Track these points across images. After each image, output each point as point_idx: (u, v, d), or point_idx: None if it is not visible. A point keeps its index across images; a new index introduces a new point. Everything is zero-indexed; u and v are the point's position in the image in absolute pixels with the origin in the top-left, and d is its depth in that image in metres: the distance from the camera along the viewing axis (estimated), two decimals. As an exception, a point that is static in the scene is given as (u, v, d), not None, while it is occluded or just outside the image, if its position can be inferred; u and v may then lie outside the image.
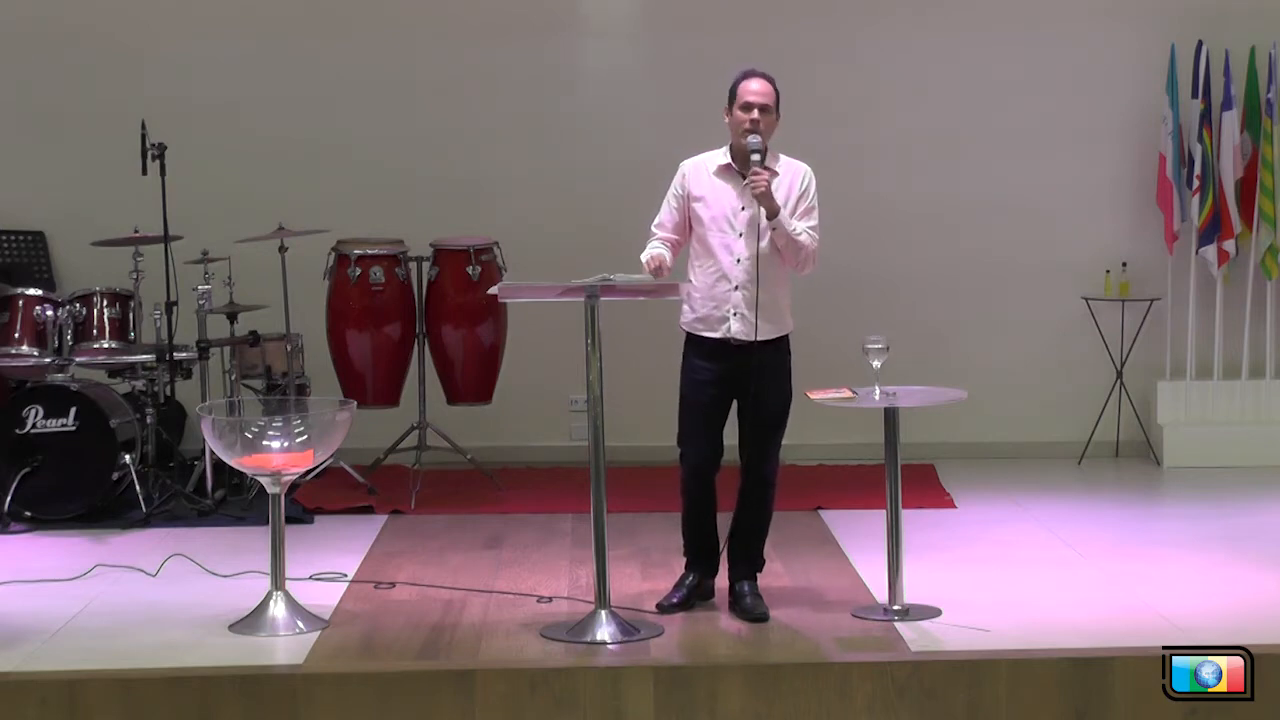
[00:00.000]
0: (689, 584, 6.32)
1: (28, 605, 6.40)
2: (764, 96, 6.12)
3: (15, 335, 7.96)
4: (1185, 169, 9.08)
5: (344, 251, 8.46)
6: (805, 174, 6.24)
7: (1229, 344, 9.20)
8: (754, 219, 6.11)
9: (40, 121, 9.21)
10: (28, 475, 7.71)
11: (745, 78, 6.17)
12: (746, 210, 6.13)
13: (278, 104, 9.19)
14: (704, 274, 6.16)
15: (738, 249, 6.13)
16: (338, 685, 5.57)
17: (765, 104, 6.11)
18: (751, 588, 6.26)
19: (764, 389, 6.15)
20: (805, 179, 6.23)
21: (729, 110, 6.19)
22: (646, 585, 6.58)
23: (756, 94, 6.11)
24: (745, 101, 6.12)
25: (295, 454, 6.19)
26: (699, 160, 6.25)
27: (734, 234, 6.14)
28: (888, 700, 5.55)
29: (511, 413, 8.96)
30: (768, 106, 6.12)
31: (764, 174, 6.02)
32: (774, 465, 6.26)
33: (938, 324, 9.27)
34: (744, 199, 6.12)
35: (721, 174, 6.19)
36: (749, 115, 6.09)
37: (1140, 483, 8.83)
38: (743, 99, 6.13)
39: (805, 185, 6.22)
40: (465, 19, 9.23)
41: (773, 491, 6.27)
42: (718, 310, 6.13)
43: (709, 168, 6.20)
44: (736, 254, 6.13)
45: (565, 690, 5.53)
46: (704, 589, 6.34)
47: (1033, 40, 9.27)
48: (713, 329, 6.14)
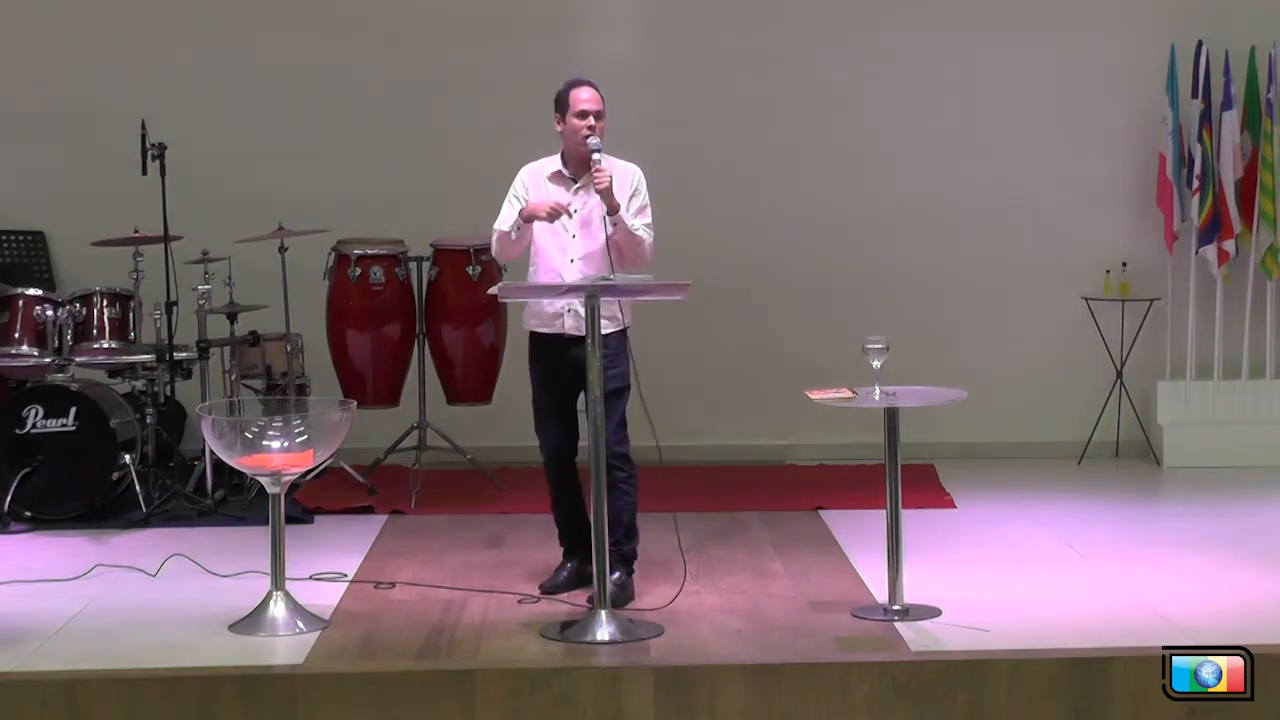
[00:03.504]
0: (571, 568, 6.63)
1: (28, 605, 6.40)
2: (596, 103, 6.41)
3: (15, 335, 7.97)
4: (1185, 169, 9.08)
5: (344, 251, 8.47)
6: (635, 174, 6.50)
7: (1229, 344, 9.20)
8: (586, 220, 6.39)
9: (40, 121, 9.21)
10: (28, 475, 7.71)
11: (574, 87, 6.48)
12: (577, 213, 6.40)
13: (277, 104, 9.20)
14: (540, 275, 6.46)
15: (571, 249, 6.40)
16: (338, 685, 5.57)
17: (598, 110, 6.40)
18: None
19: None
20: (635, 179, 6.49)
21: (561, 119, 6.46)
22: (647, 585, 6.58)
23: (589, 101, 6.41)
24: (580, 109, 6.40)
25: (295, 454, 6.19)
26: (536, 166, 6.58)
27: (567, 234, 6.42)
28: (888, 700, 5.55)
29: (511, 413, 8.91)
30: (600, 112, 6.41)
31: (605, 171, 6.30)
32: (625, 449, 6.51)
33: (938, 324, 9.27)
34: (575, 202, 6.40)
35: (554, 179, 6.49)
36: (584, 122, 6.38)
37: (1140, 483, 8.83)
38: (576, 107, 6.40)
39: (636, 184, 6.48)
40: (465, 19, 9.24)
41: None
42: (551, 307, 6.42)
43: (544, 173, 6.50)
44: (570, 254, 6.40)
45: (565, 690, 5.53)
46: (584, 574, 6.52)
47: (1033, 41, 9.27)
48: (548, 325, 6.44)
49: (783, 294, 9.32)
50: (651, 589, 6.53)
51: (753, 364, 9.27)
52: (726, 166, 9.12)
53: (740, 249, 9.12)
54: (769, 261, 9.26)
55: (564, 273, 6.38)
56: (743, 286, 9.17)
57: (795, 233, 9.32)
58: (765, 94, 9.28)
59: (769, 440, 9.35)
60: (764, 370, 9.20)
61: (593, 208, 6.39)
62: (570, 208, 6.39)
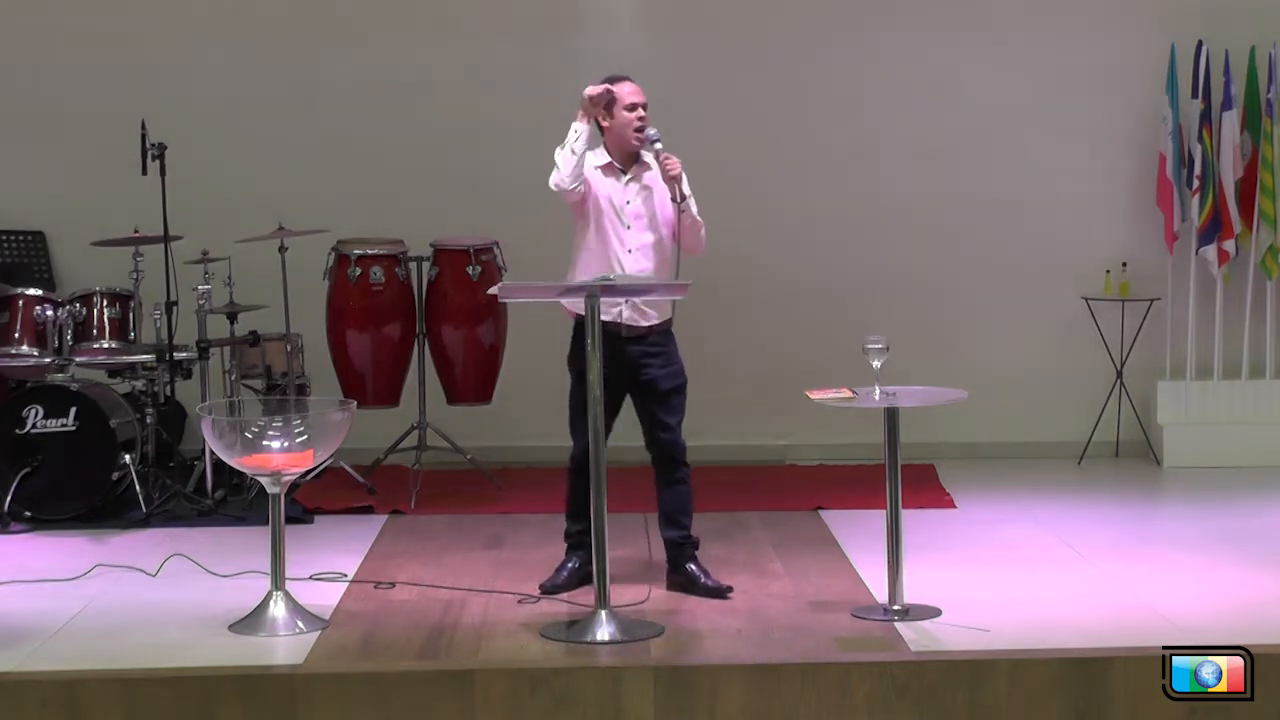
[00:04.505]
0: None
1: (28, 605, 6.41)
2: (642, 95, 6.48)
3: (15, 335, 7.97)
4: (1185, 169, 9.08)
5: (344, 251, 8.47)
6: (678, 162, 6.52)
7: (1229, 344, 9.20)
8: (638, 212, 6.45)
9: (40, 121, 9.21)
10: (28, 475, 7.71)
11: (616, 82, 6.51)
12: (631, 204, 6.45)
13: (278, 104, 9.20)
14: (594, 264, 6.43)
15: (628, 239, 6.43)
16: (337, 685, 5.57)
17: (645, 101, 6.48)
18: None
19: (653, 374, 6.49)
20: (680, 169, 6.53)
21: (607, 115, 6.46)
22: (647, 585, 6.58)
23: (635, 93, 6.47)
24: (630, 102, 6.46)
25: (295, 454, 6.19)
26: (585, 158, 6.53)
27: (622, 225, 6.45)
28: (888, 700, 5.55)
29: (511, 413, 8.95)
30: (647, 104, 6.48)
31: (675, 158, 6.38)
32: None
33: (938, 324, 9.27)
34: (628, 193, 6.44)
35: (607, 172, 6.49)
36: (636, 114, 6.45)
37: (1140, 483, 8.83)
38: (626, 100, 6.46)
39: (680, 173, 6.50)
40: (465, 19, 9.24)
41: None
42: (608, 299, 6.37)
43: (591, 164, 6.48)
44: (628, 244, 6.44)
45: (565, 690, 5.54)
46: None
47: (1032, 41, 9.27)
48: (603, 313, 6.32)
49: (783, 294, 9.32)
50: (652, 589, 6.53)
51: (752, 364, 9.27)
52: (726, 166, 9.10)
53: (740, 248, 9.09)
54: (769, 261, 9.26)
55: (622, 263, 6.41)
56: (743, 286, 9.16)
57: (795, 232, 9.32)
58: (765, 94, 9.28)
59: (769, 440, 9.35)
60: (764, 370, 9.20)
61: (645, 198, 6.45)
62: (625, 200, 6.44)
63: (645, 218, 6.46)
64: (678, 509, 6.58)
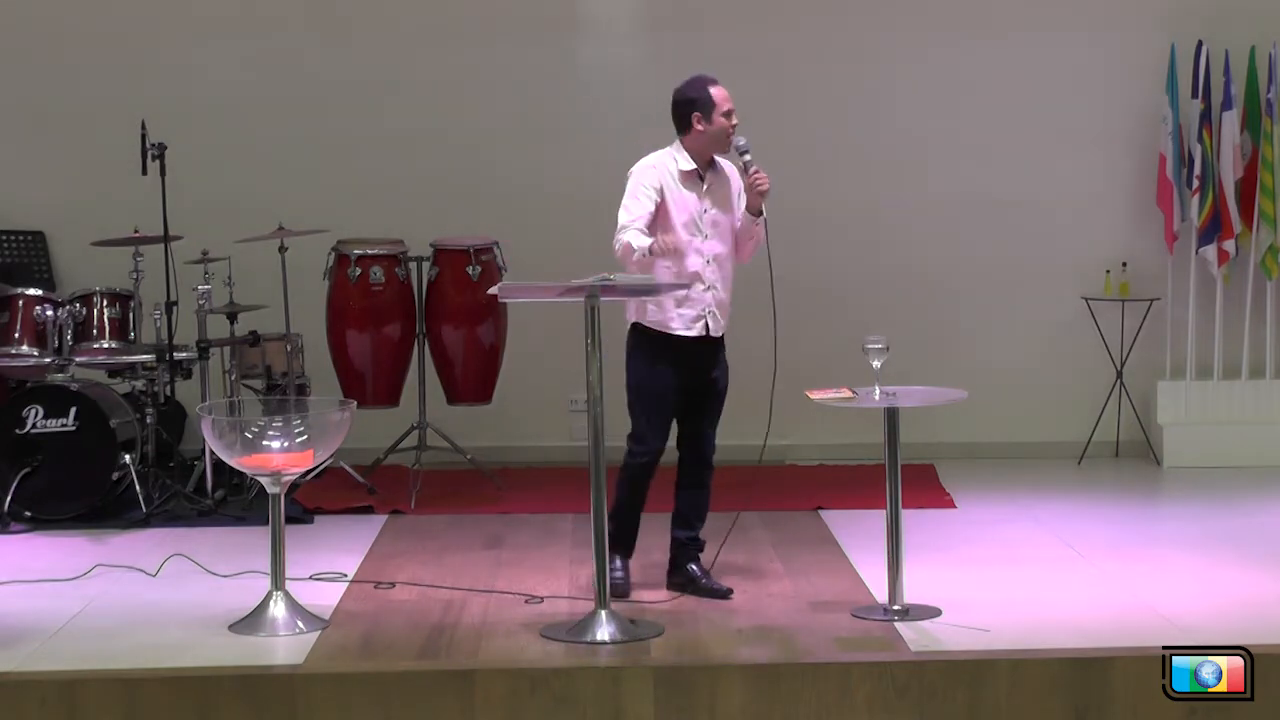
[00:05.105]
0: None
1: (28, 605, 6.40)
2: (732, 101, 6.39)
3: (15, 335, 7.97)
4: (1185, 169, 9.08)
5: (344, 251, 8.46)
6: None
7: (1229, 344, 9.20)
8: (715, 220, 6.42)
9: (40, 121, 9.21)
10: (28, 475, 7.71)
11: (712, 84, 6.42)
12: (709, 213, 6.41)
13: (278, 104, 9.19)
14: (669, 275, 6.35)
15: (706, 249, 6.39)
16: (338, 685, 5.57)
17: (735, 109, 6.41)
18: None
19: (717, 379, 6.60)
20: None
21: (704, 118, 6.37)
22: (647, 585, 6.58)
23: (729, 99, 6.39)
24: (727, 109, 6.38)
25: (295, 454, 6.19)
26: (658, 164, 6.43)
27: (701, 237, 6.40)
28: (888, 700, 5.55)
29: (511, 413, 8.96)
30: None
31: (765, 174, 6.36)
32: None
33: (938, 324, 9.27)
34: (705, 202, 6.39)
35: (687, 180, 6.41)
36: (732, 121, 6.38)
37: (1140, 483, 8.83)
38: (724, 106, 6.38)
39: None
40: (464, 19, 9.24)
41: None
42: (692, 310, 6.39)
43: (670, 171, 6.40)
44: (705, 254, 6.40)
45: (565, 690, 5.54)
46: None
47: (1033, 41, 9.27)
48: (689, 327, 6.40)
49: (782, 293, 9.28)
50: (652, 589, 6.53)
51: (752, 364, 9.24)
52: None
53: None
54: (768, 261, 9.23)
55: (703, 272, 6.39)
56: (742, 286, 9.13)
57: (795, 232, 9.26)
58: (765, 94, 9.26)
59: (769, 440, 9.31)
60: (764, 370, 9.17)
61: (720, 207, 6.44)
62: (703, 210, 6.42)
63: (720, 226, 6.45)
64: (696, 511, 6.59)
